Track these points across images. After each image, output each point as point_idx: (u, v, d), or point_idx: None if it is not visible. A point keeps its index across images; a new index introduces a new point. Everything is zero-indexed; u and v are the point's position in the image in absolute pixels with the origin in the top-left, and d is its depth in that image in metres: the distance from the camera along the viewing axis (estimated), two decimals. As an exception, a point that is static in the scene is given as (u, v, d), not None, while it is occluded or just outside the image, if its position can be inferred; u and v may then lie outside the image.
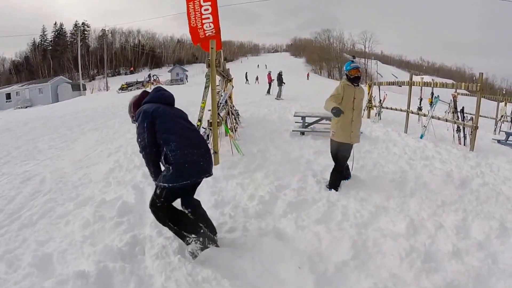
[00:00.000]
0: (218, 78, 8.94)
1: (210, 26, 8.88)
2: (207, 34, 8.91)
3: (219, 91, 8.93)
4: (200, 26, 8.89)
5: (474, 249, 3.78)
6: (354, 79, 5.48)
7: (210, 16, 8.87)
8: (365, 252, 3.70)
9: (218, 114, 7.45)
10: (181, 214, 3.76)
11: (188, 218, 3.77)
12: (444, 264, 3.53)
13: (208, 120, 7.39)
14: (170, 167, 3.47)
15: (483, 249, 3.78)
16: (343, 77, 5.66)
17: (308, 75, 76.13)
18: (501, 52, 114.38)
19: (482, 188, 5.62)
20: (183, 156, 3.44)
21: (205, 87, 7.64)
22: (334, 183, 5.50)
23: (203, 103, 7.83)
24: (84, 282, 3.13)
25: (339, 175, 5.58)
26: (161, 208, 3.59)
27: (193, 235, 3.63)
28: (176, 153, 3.43)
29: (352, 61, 5.67)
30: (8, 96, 51.75)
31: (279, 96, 22.23)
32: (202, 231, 3.69)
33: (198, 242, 3.65)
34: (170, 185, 3.46)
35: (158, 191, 3.58)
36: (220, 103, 8.53)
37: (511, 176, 6.36)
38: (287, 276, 3.46)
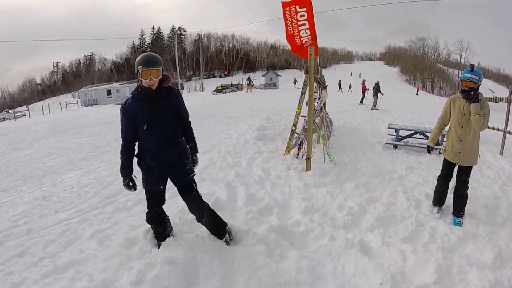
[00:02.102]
0: (314, 84, 8.95)
1: (306, 33, 8.71)
2: (303, 41, 8.76)
3: (315, 98, 8.95)
4: (297, 33, 8.73)
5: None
6: (463, 92, 4.46)
7: (306, 22, 8.66)
8: (448, 278, 3.52)
9: (314, 120, 7.39)
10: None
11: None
12: None
13: (303, 126, 7.41)
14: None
15: None
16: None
17: (418, 89, 67.30)
18: None
19: None
20: None
21: (302, 93, 7.66)
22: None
23: (298, 108, 7.87)
24: (172, 268, 3.27)
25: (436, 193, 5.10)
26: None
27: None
28: None
29: (469, 70, 4.39)
30: (109, 92, 56.22)
31: (374, 106, 21.49)
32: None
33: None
34: None
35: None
36: (316, 110, 8.45)
37: None
38: (367, 291, 3.41)
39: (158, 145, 3.41)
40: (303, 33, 8.71)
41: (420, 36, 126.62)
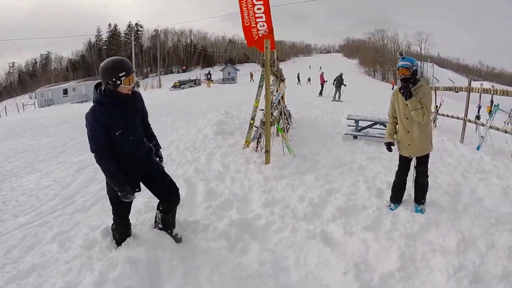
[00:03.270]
0: (271, 78, 9.02)
1: (263, 26, 9.00)
2: (260, 34, 8.99)
3: (272, 91, 9.00)
4: (254, 25, 9.01)
5: (526, 274, 3.57)
6: (401, 81, 4.63)
7: (263, 15, 8.97)
8: (412, 265, 3.62)
9: (271, 113, 7.49)
10: None
11: None
12: (492, 286, 3.36)
13: (261, 119, 7.47)
14: None
15: (536, 276, 3.56)
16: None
17: (393, 83, 63.14)
18: None
19: (542, 210, 5.28)
20: None
21: (259, 86, 7.75)
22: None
23: (256, 102, 7.94)
24: (133, 267, 3.28)
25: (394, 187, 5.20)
26: None
27: None
28: None
29: (401, 58, 4.65)
30: (65, 91, 55.63)
31: (338, 98, 22.29)
32: None
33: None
34: None
35: None
36: (273, 103, 8.57)
37: None
38: (331, 281, 3.49)
39: (133, 147, 3.49)
40: (260, 26, 9.00)
41: (379, 28, 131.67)
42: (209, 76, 49.44)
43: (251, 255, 3.79)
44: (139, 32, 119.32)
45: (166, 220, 3.88)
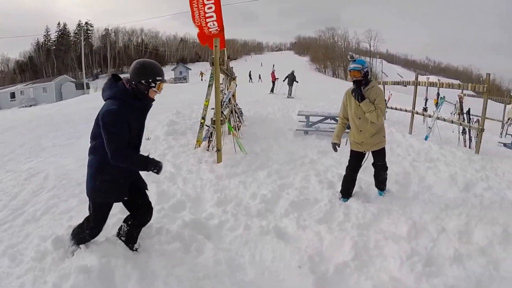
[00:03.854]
0: (221, 76, 9.01)
1: (214, 25, 9.00)
2: (211, 33, 9.02)
3: (222, 90, 8.96)
4: (205, 25, 9.00)
5: (476, 254, 3.75)
6: (354, 83, 4.82)
7: (214, 14, 8.96)
8: (366, 253, 3.72)
9: (222, 112, 7.48)
10: None
11: None
12: (445, 268, 3.51)
13: (212, 118, 7.43)
14: None
15: (485, 255, 3.74)
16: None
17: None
18: (509, 54, 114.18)
19: (486, 192, 5.56)
20: None
21: (209, 85, 7.71)
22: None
23: (206, 101, 7.90)
24: (86, 276, 3.16)
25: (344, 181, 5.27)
26: None
27: None
28: None
29: (352, 61, 4.84)
30: (13, 95, 52.82)
31: (290, 94, 22.70)
32: None
33: None
34: None
35: None
36: (224, 102, 8.60)
37: (517, 181, 6.33)
38: (287, 275, 3.52)
39: (136, 152, 3.51)
40: (210, 25, 9.02)
41: (330, 26, 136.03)
42: None
43: (206, 255, 3.78)
44: (89, 32, 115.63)
45: (131, 234, 3.74)
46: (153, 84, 3.24)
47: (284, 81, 23.73)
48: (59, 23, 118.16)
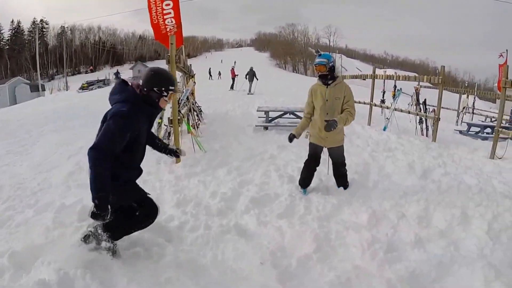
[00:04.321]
0: (179, 74, 8.98)
1: (171, 22, 8.93)
2: (168, 30, 8.94)
3: (179, 88, 8.85)
4: (162, 22, 8.92)
5: (436, 237, 3.87)
6: (320, 77, 4.89)
7: (172, 11, 8.91)
8: (327, 245, 3.73)
9: (179, 111, 7.38)
10: None
11: None
12: (406, 253, 3.59)
13: (169, 118, 7.31)
14: None
15: (445, 237, 3.87)
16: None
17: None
18: (463, 47, 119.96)
19: (444, 177, 5.78)
20: None
21: None
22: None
23: None
24: None
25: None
26: None
27: None
28: None
29: (318, 55, 4.91)
30: None
31: (250, 91, 22.85)
32: None
33: None
34: None
35: None
36: (181, 100, 8.48)
37: (472, 166, 6.59)
38: (250, 273, 3.47)
39: (142, 157, 3.64)
40: (168, 22, 8.94)
41: (290, 23, 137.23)
42: (118, 75, 47.63)
43: (168, 259, 3.67)
44: (44, 30, 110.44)
45: (124, 228, 3.73)
46: (165, 93, 3.28)
47: (246, 78, 23.84)
48: (12, 21, 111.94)
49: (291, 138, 5.03)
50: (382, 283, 3.20)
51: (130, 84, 3.34)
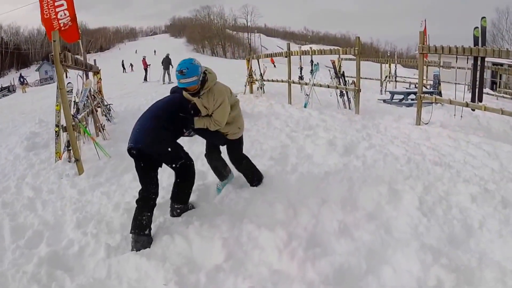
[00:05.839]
0: (77, 72, 8.59)
1: (65, 14, 8.31)
2: (61, 24, 8.30)
3: (71, 89, 8.09)
4: (54, 16, 8.23)
5: (363, 221, 3.67)
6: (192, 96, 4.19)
7: (64, 2, 8.28)
8: (240, 249, 3.40)
9: (74, 116, 6.76)
10: None
11: None
12: (331, 246, 3.36)
13: (62, 125, 6.63)
14: None
15: (374, 219, 3.69)
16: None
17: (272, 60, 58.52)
18: (387, 19, 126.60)
19: (369, 151, 5.70)
20: None
21: (57, 88, 6.86)
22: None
23: (57, 105, 7.07)
24: None
25: None
26: None
27: None
28: None
29: (181, 76, 3.92)
30: None
31: (168, 80, 22.40)
32: None
33: None
34: None
35: None
36: (81, 101, 7.81)
37: (399, 134, 6.61)
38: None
39: None
40: (61, 15, 8.34)
41: (205, 5, 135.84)
42: (22, 80, 45.69)
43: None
44: None
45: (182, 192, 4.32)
46: None
47: (162, 64, 23.31)
48: None
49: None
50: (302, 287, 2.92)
51: None
